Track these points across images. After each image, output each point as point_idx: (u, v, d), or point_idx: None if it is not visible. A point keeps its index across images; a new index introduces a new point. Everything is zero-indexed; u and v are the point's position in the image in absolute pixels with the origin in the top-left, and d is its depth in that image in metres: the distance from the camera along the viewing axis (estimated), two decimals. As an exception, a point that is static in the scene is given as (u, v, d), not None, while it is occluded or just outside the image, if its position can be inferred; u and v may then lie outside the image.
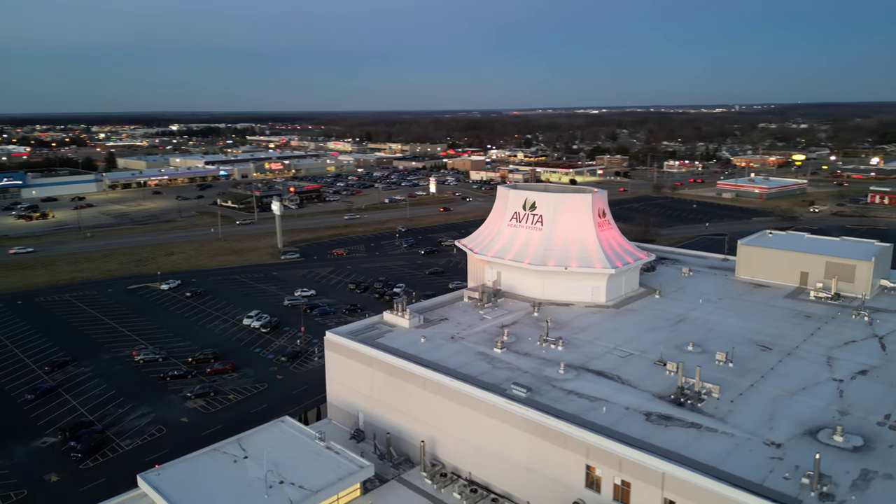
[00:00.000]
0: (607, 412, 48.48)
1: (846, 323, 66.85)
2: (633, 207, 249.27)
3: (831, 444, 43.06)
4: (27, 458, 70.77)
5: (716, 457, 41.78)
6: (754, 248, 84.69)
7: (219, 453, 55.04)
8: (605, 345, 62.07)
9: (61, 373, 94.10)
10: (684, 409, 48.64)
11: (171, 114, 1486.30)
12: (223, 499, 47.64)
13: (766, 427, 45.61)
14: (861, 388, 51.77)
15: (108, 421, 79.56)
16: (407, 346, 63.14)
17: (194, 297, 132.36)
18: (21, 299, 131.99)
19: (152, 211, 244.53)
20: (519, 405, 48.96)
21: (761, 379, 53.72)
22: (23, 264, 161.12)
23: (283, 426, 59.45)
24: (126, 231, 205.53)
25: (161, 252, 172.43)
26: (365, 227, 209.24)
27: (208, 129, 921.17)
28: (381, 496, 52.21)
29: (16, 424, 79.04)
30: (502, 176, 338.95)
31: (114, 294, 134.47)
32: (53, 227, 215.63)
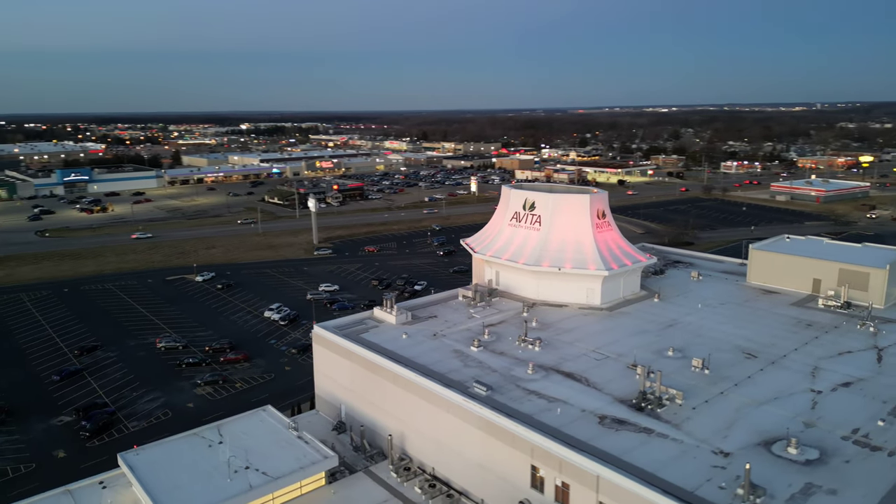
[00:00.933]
0: (562, 414, 48.21)
1: (848, 333, 63.79)
2: (678, 209, 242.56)
3: (783, 457, 41.56)
4: (42, 434, 76.16)
5: (656, 463, 41.04)
6: (766, 252, 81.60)
7: (197, 437, 57.67)
8: (583, 347, 61.46)
9: (89, 357, 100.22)
10: (642, 414, 47.83)
11: (245, 113, 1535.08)
12: (188, 480, 49.97)
13: (720, 436, 44.40)
14: (838, 400, 49.54)
15: (122, 403, 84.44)
16: (387, 341, 64.31)
17: (224, 288, 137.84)
18: (68, 287, 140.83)
19: (203, 206, 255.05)
20: (474, 403, 49.30)
21: (734, 387, 52.13)
22: (75, 254, 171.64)
23: (264, 415, 61.64)
24: (175, 225, 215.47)
25: (203, 245, 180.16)
26: (400, 225, 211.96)
27: (275, 128, 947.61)
28: (344, 486, 53.53)
29: (38, 403, 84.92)
30: (547, 175, 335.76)
31: (152, 284, 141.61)
32: (110, 220, 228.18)
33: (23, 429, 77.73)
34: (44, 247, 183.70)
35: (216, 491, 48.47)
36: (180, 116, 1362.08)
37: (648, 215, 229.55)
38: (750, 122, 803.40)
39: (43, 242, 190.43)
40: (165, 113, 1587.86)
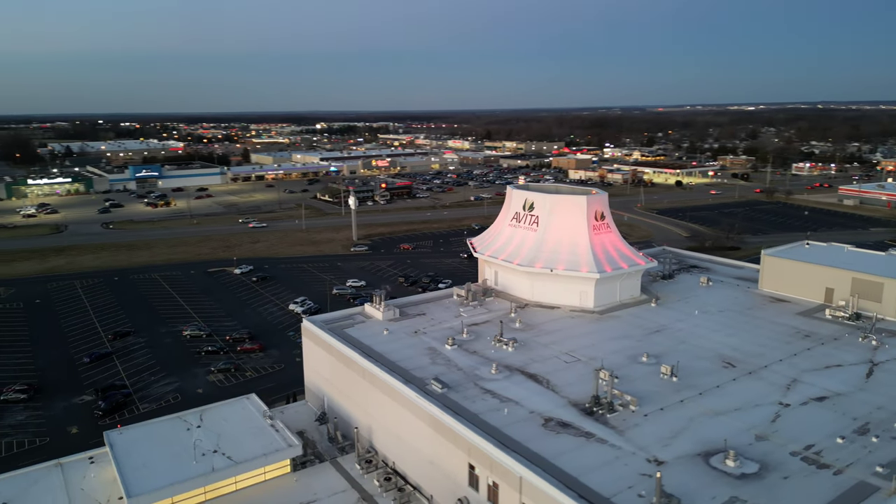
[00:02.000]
0: (508, 414, 48.14)
1: (846, 346, 60.32)
2: (732, 212, 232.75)
3: (718, 469, 40.14)
4: (62, 411, 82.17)
5: (583, 468, 40.51)
6: (778, 259, 77.91)
7: (179, 420, 60.77)
8: (558, 349, 60.81)
9: (121, 341, 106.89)
10: (590, 419, 47.15)
11: (324, 113, 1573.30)
12: (158, 459, 52.89)
13: (661, 444, 43.24)
14: (805, 414, 47.19)
15: (139, 385, 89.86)
16: (367, 336, 65.72)
17: (259, 281, 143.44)
18: (118, 276, 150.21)
19: (258, 202, 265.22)
20: (424, 399, 49.94)
21: (698, 396, 50.48)
22: (131, 245, 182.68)
23: (246, 402, 64.19)
24: (228, 219, 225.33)
25: (248, 239, 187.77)
26: (440, 223, 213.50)
27: (347, 128, 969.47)
28: (307, 475, 55.23)
29: (66, 383, 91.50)
30: (601, 175, 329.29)
31: (194, 275, 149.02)
32: (172, 214, 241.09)
33: (46, 405, 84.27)
34: (106, 238, 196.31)
35: (180, 471, 51.13)
36: (263, 116, 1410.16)
37: (699, 218, 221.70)
38: (839, 120, 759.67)
39: (106, 234, 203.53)
40: (250, 113, 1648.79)
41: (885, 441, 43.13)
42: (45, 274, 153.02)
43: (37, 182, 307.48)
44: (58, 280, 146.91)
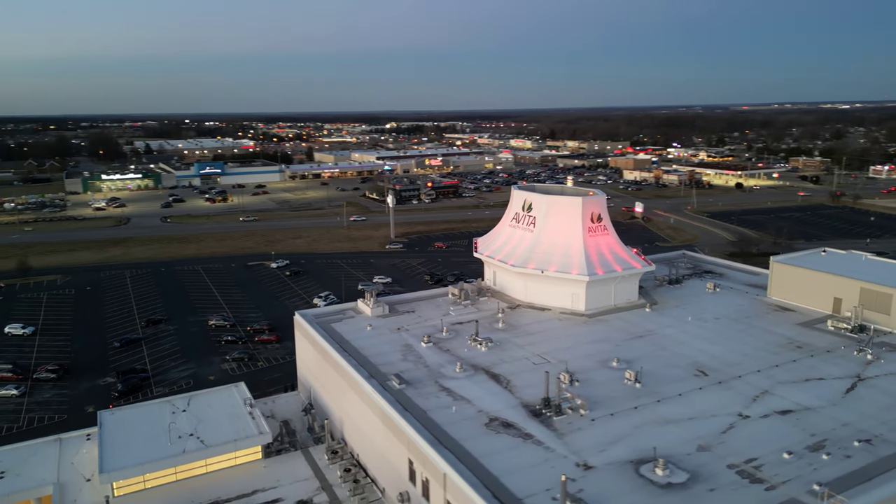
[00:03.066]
0: (455, 412, 48.58)
1: (837, 359, 57.28)
2: (792, 216, 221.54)
3: (645, 476, 39.37)
4: (85, 391, 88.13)
5: (507, 468, 40.61)
6: (787, 266, 74.39)
7: (167, 404, 64.21)
8: (532, 350, 60.52)
9: (153, 328, 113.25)
10: (535, 420, 46.99)
11: (398, 113, 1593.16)
12: (137, 439, 56.18)
13: (596, 450, 42.67)
14: (761, 427, 45.38)
15: (159, 370, 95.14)
16: (349, 331, 67.43)
17: (292, 276, 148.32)
18: (164, 267, 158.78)
19: (310, 199, 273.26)
20: (377, 394, 51.06)
21: (655, 403, 49.33)
22: (182, 238, 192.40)
23: (234, 390, 67.00)
24: (277, 215, 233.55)
25: (291, 235, 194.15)
26: (479, 222, 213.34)
27: (415, 127, 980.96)
28: (276, 462, 57.36)
29: (94, 365, 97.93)
30: (656, 176, 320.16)
31: (234, 268, 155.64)
32: (227, 209, 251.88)
33: (72, 385, 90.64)
34: (162, 231, 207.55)
35: (153, 451, 54.22)
36: (339, 116, 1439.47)
37: (753, 222, 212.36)
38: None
39: (163, 227, 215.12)
40: (329, 112, 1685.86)
41: (836, 459, 41.03)
42: (100, 263, 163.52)
43: (110, 177, 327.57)
44: (110, 269, 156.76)
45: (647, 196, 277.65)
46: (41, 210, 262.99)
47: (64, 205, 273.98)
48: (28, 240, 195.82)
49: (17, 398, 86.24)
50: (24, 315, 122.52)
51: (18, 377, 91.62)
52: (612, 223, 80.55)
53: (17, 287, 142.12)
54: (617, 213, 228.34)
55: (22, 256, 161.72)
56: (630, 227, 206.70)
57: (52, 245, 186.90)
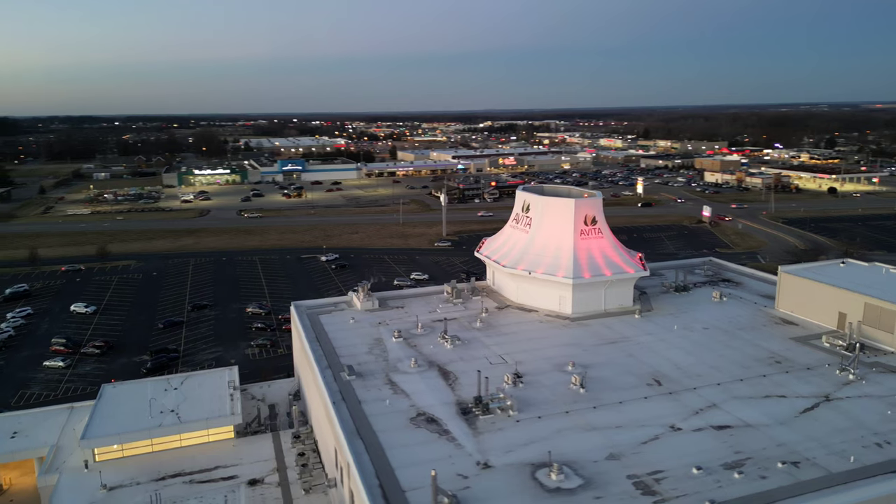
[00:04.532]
0: (388, 405, 50.01)
1: (813, 377, 53.68)
2: (882, 225, 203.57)
3: (536, 479, 39.27)
4: (120, 367, 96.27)
5: (407, 462, 41.69)
6: (794, 277, 69.86)
7: (163, 381, 69.67)
8: (496, 350, 60.72)
9: (197, 313, 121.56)
10: (460, 418, 47.62)
11: (497, 112, 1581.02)
12: (123, 412, 61.54)
13: (504, 450, 42.79)
14: (686, 440, 43.75)
15: (189, 351, 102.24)
16: (332, 323, 70.27)
17: (337, 269, 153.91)
18: (226, 257, 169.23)
19: (378, 197, 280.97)
20: (323, 383, 53.41)
21: (590, 409, 48.54)
22: (249, 230, 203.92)
23: (226, 373, 71.36)
24: (341, 211, 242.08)
25: (348, 230, 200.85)
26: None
27: (508, 126, 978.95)
28: (245, 442, 60.92)
29: (136, 344, 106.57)
30: (739, 179, 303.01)
31: (288, 260, 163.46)
32: (299, 204, 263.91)
33: (110, 361, 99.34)
34: (234, 223, 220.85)
35: (133, 423, 59.30)
36: (439, 115, 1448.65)
37: (834, 230, 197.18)
38: None
39: (236, 220, 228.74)
40: (431, 112, 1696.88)
41: (747, 479, 39.01)
42: (172, 251, 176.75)
43: (202, 172, 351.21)
44: (179, 257, 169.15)
45: (724, 200, 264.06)
46: (137, 201, 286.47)
47: (157, 197, 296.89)
48: (117, 228, 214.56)
49: (63, 369, 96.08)
50: (92, 295, 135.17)
51: (69, 350, 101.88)
52: (677, 227, 78.82)
53: (94, 270, 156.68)
54: (683, 216, 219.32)
55: (104, 243, 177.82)
56: (693, 231, 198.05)
57: (135, 233, 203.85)
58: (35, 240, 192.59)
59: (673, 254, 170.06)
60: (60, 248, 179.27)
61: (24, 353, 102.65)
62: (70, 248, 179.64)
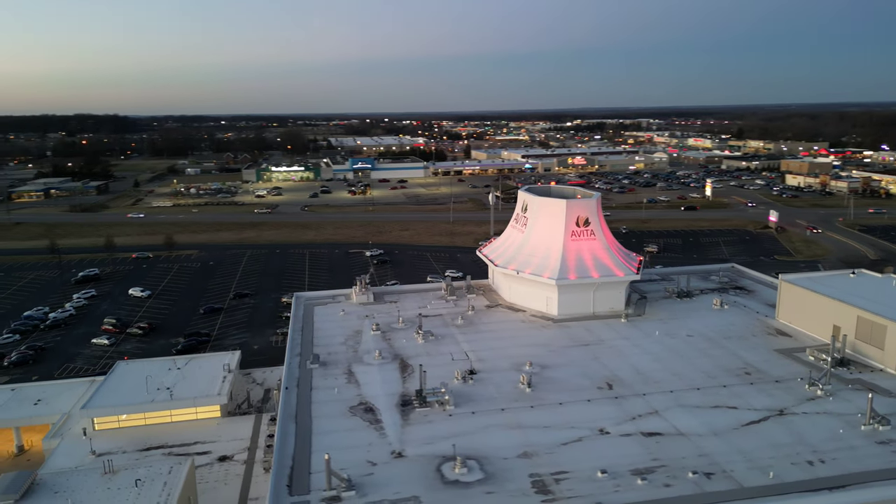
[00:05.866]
0: (336, 393, 52.39)
1: (777, 390, 51.39)
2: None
3: (440, 471, 40.42)
4: (157, 346, 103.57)
5: (328, 447, 43.46)
6: (794, 287, 66.35)
7: (169, 362, 75.32)
8: (465, 347, 61.75)
9: (238, 301, 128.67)
10: (396, 409, 49.30)
11: (592, 110, 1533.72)
12: (125, 387, 67.29)
13: (425, 442, 44.12)
14: (609, 444, 43.52)
15: (220, 336, 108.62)
16: (323, 314, 73.56)
17: (378, 264, 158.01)
18: (280, 249, 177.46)
19: (439, 195, 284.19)
20: (285, 370, 56.68)
21: (526, 408, 48.95)
22: (306, 225, 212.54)
23: (228, 356, 76.13)
24: (399, 208, 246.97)
25: (399, 227, 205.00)
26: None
27: (596, 125, 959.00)
28: (228, 422, 65.02)
29: (177, 327, 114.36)
30: (822, 183, 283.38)
31: (336, 254, 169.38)
32: (362, 201, 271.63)
33: (151, 341, 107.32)
34: (297, 217, 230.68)
35: (129, 398, 64.85)
36: (532, 114, 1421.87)
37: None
38: None
39: (300, 214, 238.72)
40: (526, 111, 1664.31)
41: (651, 486, 38.47)
42: (233, 243, 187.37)
43: (278, 169, 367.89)
44: (237, 248, 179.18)
45: (802, 204, 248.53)
46: (216, 195, 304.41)
47: (234, 192, 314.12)
48: (190, 219, 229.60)
49: (107, 347, 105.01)
50: (152, 281, 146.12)
51: (116, 330, 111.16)
52: (740, 232, 77.22)
53: (160, 258, 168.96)
54: (748, 221, 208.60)
55: (174, 233, 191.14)
56: (757, 237, 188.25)
57: (204, 225, 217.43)
58: (117, 229, 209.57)
59: (724, 259, 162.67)
60: (136, 237, 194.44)
61: (79, 331, 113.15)
62: (145, 237, 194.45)
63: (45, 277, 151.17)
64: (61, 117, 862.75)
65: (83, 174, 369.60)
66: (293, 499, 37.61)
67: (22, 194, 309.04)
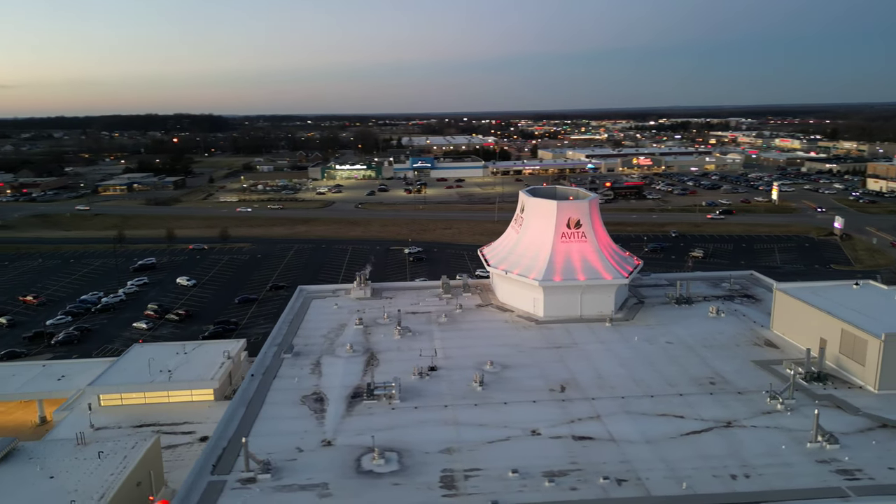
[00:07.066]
0: (297, 382, 54.96)
1: (735, 402, 49.84)
2: None
3: (358, 461, 42.06)
4: (187, 332, 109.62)
5: (267, 432, 46.38)
6: (787, 297, 63.36)
7: (179, 346, 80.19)
8: (437, 344, 63.01)
9: (272, 293, 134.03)
10: (344, 400, 51.24)
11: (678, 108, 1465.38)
12: (131, 369, 72.40)
13: (356, 432, 45.82)
14: (532, 446, 43.89)
15: (248, 325, 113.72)
16: (318, 307, 76.65)
17: (414, 261, 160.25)
18: (325, 244, 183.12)
19: (493, 194, 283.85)
20: (258, 358, 59.68)
21: (470, 406, 49.77)
22: (355, 221, 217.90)
23: (232, 345, 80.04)
24: (449, 207, 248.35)
25: (443, 226, 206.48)
26: (636, 226, 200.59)
27: (680, 124, 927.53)
28: (219, 405, 67.17)
29: (211, 314, 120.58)
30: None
31: (377, 250, 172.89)
32: (416, 199, 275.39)
33: (185, 327, 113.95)
34: (349, 214, 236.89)
35: (132, 378, 69.89)
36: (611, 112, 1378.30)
37: None
38: None
39: (353, 212, 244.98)
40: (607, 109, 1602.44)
41: (557, 488, 38.61)
42: (284, 237, 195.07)
43: (342, 167, 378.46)
44: (286, 243, 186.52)
45: (879, 210, 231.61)
46: (280, 192, 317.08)
47: (297, 188, 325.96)
48: (251, 214, 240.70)
49: (145, 331, 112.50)
50: (201, 271, 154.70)
51: (157, 316, 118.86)
52: (800, 239, 75.65)
53: (214, 250, 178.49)
54: (812, 227, 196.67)
55: (231, 227, 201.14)
56: (817, 245, 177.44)
57: (261, 220, 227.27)
58: (182, 221, 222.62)
59: (775, 267, 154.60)
60: (197, 230, 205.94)
61: (124, 315, 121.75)
62: (204, 230, 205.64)
63: (108, 265, 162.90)
64: (162, 116, 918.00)
65: (165, 170, 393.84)
66: (212, 477, 40.18)
67: (108, 188, 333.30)
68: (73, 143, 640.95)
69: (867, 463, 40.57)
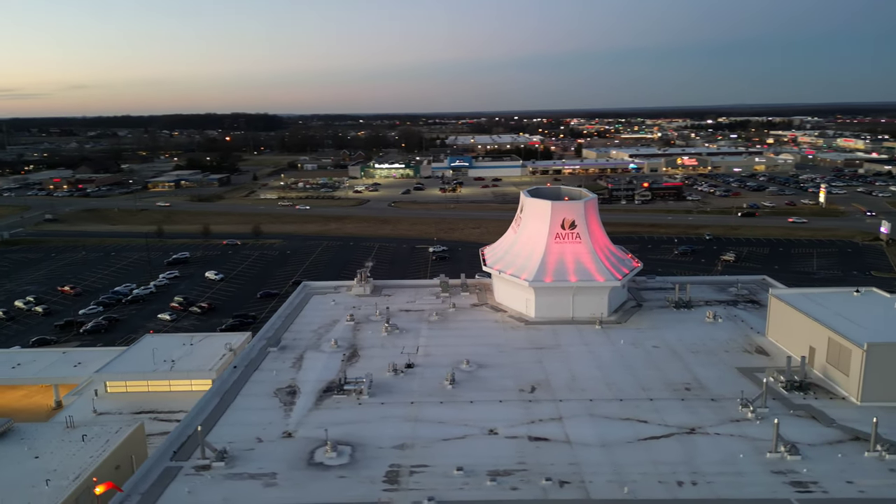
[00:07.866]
0: (275, 375, 56.43)
1: (705, 409, 48.70)
2: None
3: (311, 453, 43.02)
4: (206, 324, 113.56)
5: (233, 422, 47.91)
6: (781, 304, 61.34)
7: (187, 338, 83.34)
8: (421, 342, 63.58)
9: (294, 288, 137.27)
10: (315, 394, 52.38)
11: (741, 107, 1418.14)
12: (139, 357, 75.68)
13: (317, 426, 46.75)
14: (485, 445, 43.99)
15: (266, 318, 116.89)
16: (314, 303, 78.36)
17: (437, 260, 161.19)
18: (353, 241, 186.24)
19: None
20: (245, 352, 61.42)
21: (435, 404, 50.23)
22: (385, 220, 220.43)
23: (240, 337, 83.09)
24: (481, 207, 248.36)
25: (472, 225, 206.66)
26: (671, 228, 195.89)
27: (740, 123, 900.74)
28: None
29: (232, 308, 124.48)
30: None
31: (403, 248, 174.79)
32: (450, 198, 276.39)
33: (205, 320, 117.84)
34: (381, 212, 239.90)
35: (137, 367, 73.09)
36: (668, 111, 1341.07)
37: None
38: None
39: (386, 210, 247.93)
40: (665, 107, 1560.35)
41: (499, 487, 38.74)
42: (315, 234, 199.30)
43: (380, 166, 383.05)
44: (316, 240, 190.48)
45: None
46: (319, 190, 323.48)
47: (336, 186, 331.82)
48: (285, 211, 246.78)
49: (168, 322, 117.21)
50: (230, 266, 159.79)
51: (181, 308, 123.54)
52: (842, 244, 74.47)
53: (247, 245, 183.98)
54: (857, 232, 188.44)
55: (265, 223, 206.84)
56: (861, 250, 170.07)
57: (296, 216, 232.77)
58: (220, 217, 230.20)
59: (810, 273, 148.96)
60: (232, 226, 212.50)
61: (152, 307, 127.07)
62: (240, 226, 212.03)
63: (146, 258, 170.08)
64: (220, 116, 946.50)
65: (213, 168, 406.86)
66: (169, 463, 41.91)
67: (157, 184, 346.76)
68: (133, 142, 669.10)
69: (825, 475, 39.21)
